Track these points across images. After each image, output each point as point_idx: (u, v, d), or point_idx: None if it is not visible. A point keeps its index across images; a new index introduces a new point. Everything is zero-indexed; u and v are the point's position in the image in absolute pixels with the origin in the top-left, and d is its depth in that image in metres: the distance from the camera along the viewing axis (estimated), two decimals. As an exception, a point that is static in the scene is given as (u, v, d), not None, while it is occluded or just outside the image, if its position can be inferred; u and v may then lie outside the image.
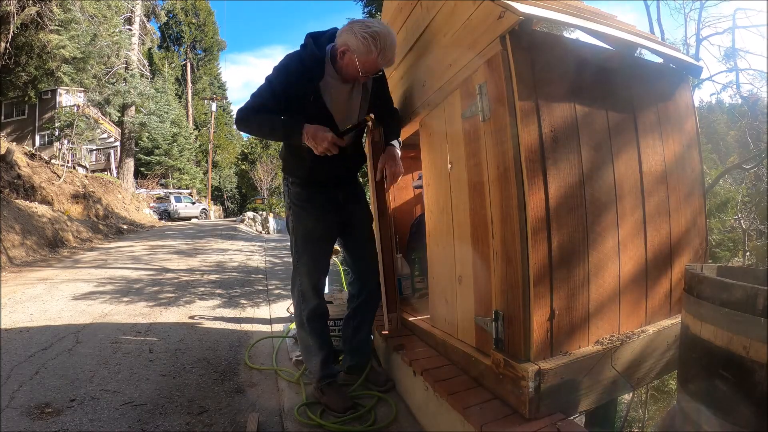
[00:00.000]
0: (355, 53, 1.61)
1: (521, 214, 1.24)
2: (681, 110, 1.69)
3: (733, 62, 4.96)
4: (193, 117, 32.20)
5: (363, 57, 1.61)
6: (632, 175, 1.49)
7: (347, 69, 1.68)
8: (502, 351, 1.33)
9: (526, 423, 1.20)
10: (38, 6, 11.64)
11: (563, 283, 1.29)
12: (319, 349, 1.88)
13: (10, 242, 6.39)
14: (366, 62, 1.62)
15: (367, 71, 1.66)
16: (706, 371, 0.99)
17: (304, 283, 1.87)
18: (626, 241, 1.45)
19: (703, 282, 1.03)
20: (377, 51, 1.60)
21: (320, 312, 1.90)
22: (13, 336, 2.76)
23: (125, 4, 17.90)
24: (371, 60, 1.61)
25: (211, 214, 23.97)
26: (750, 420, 0.88)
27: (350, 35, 1.62)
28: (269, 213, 21.71)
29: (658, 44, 1.78)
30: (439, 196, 1.76)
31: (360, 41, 1.59)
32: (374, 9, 8.04)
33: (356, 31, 1.61)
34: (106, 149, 21.06)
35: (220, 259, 6.91)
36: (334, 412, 1.75)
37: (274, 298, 4.26)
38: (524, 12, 1.18)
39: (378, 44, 1.59)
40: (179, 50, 32.84)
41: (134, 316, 3.37)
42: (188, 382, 2.19)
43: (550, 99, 1.30)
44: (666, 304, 1.59)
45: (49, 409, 1.83)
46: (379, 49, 1.59)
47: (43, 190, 11.10)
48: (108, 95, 15.69)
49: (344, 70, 1.69)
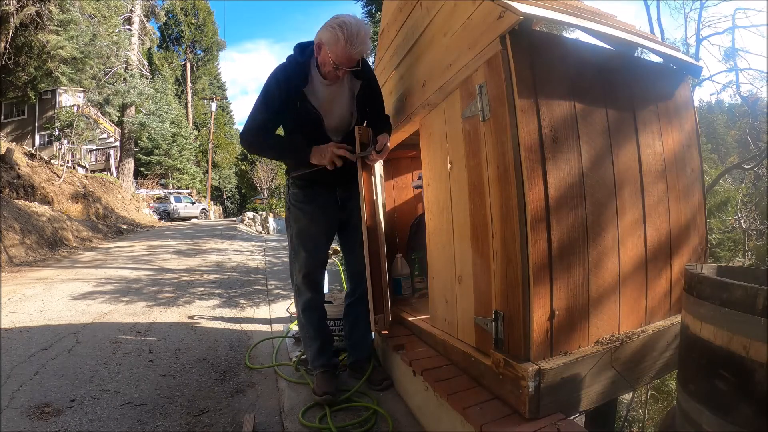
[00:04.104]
0: (326, 45, 1.68)
1: (521, 214, 1.24)
2: (681, 110, 1.69)
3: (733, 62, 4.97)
4: (193, 117, 32.18)
5: (333, 47, 1.66)
6: (632, 175, 1.49)
7: (325, 65, 1.73)
8: (502, 351, 1.33)
9: (526, 423, 1.19)
10: (37, 6, 11.62)
11: (563, 282, 1.29)
12: (314, 338, 1.98)
13: (10, 241, 6.39)
14: (336, 52, 1.66)
15: (341, 62, 1.69)
16: (706, 371, 0.99)
17: (299, 278, 1.97)
18: (626, 240, 1.45)
19: (703, 282, 1.03)
20: (344, 38, 1.63)
21: (314, 304, 1.99)
22: (13, 336, 2.76)
23: (125, 4, 17.90)
24: (340, 49, 1.65)
25: (211, 214, 23.96)
26: (750, 420, 0.88)
27: (323, 30, 1.70)
28: (269, 213, 21.69)
29: (658, 44, 1.78)
30: (439, 195, 1.76)
31: (329, 32, 1.66)
32: (374, 9, 8.04)
33: (327, 25, 1.69)
34: (106, 149, 21.05)
35: (219, 259, 6.91)
36: (315, 396, 1.84)
37: (274, 298, 4.26)
38: (524, 12, 1.18)
39: (345, 32, 1.63)
40: (179, 50, 32.83)
41: (134, 316, 3.37)
42: (188, 382, 2.19)
43: (550, 99, 1.30)
44: (666, 304, 1.59)
45: (49, 409, 1.83)
46: (345, 36, 1.63)
47: (42, 189, 11.10)
48: (107, 95, 15.68)
49: (323, 67, 1.75)
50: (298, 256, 1.96)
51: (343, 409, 1.79)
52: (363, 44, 1.68)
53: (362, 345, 2.07)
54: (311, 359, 1.99)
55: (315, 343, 1.97)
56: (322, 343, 1.98)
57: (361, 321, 2.04)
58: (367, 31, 1.70)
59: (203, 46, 34.13)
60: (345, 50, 1.65)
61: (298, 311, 2.04)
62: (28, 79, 13.51)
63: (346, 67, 1.72)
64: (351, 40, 1.64)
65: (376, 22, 7.85)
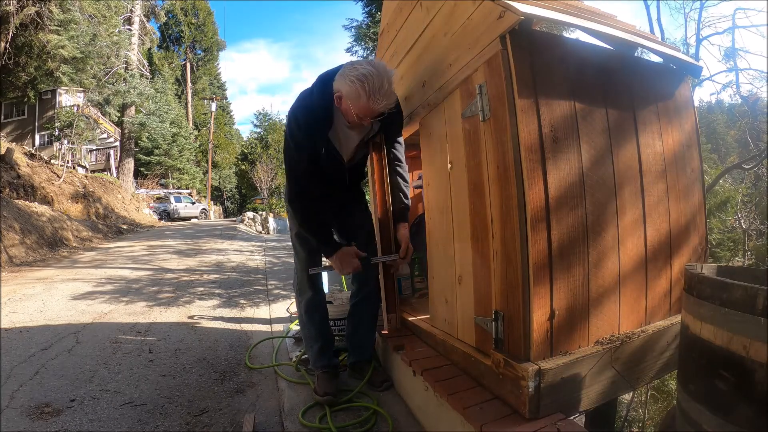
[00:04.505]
0: (348, 99, 1.53)
1: (521, 214, 1.24)
2: (681, 110, 1.69)
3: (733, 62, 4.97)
4: (193, 117, 32.18)
5: (354, 102, 1.52)
6: (632, 175, 1.49)
7: (347, 115, 1.62)
8: (502, 351, 1.33)
9: (526, 423, 1.19)
10: (37, 6, 11.63)
11: (563, 282, 1.29)
12: (316, 339, 1.97)
13: (10, 241, 6.39)
14: (358, 107, 1.53)
15: (363, 116, 1.57)
16: (706, 371, 0.99)
17: (300, 277, 1.98)
18: (626, 240, 1.45)
19: (703, 282, 1.03)
20: (366, 95, 1.48)
21: (316, 303, 1.99)
22: (13, 336, 2.76)
23: (125, 4, 17.91)
24: (362, 104, 1.51)
25: (211, 214, 23.97)
26: (750, 420, 0.88)
27: (341, 79, 1.53)
28: (269, 213, 21.68)
29: (658, 44, 1.78)
30: (439, 196, 1.76)
31: (349, 86, 1.50)
32: (374, 9, 8.04)
33: (346, 75, 1.51)
34: (106, 149, 21.05)
35: (219, 259, 6.91)
36: (316, 396, 1.83)
37: (274, 298, 4.26)
38: (524, 12, 1.18)
39: (366, 87, 1.48)
40: (179, 50, 32.83)
41: (134, 316, 3.37)
42: (188, 382, 2.19)
43: (550, 99, 1.30)
44: (666, 304, 1.59)
45: (49, 409, 1.83)
46: (368, 92, 1.48)
47: (42, 189, 11.11)
48: (108, 95, 15.69)
49: (345, 116, 1.63)
50: (299, 256, 1.97)
51: (343, 409, 1.79)
52: (387, 98, 1.53)
53: (365, 346, 2.06)
54: (313, 360, 1.98)
55: (317, 344, 1.97)
56: (324, 344, 1.97)
57: (366, 321, 2.05)
58: (391, 80, 1.53)
59: (203, 46, 34.13)
60: (368, 106, 1.52)
61: (300, 311, 2.04)
62: (28, 79, 13.53)
63: (371, 119, 1.61)
64: (373, 96, 1.49)
65: (376, 22, 7.86)
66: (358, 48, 8.44)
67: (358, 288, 2.05)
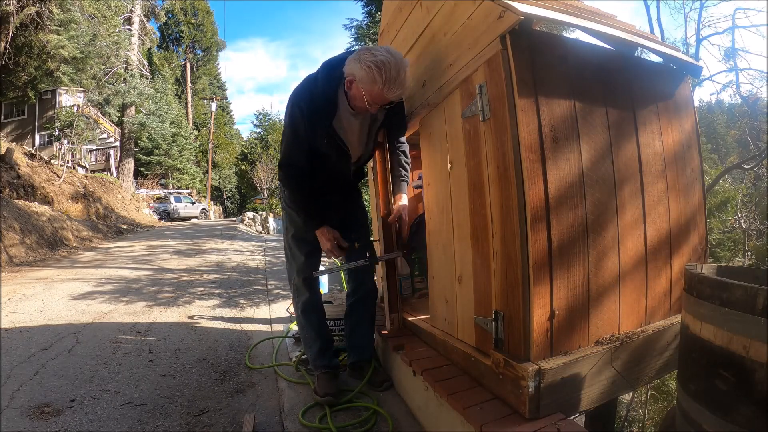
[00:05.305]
0: (361, 83, 1.53)
1: (521, 214, 1.24)
2: (681, 110, 1.69)
3: (733, 62, 4.97)
4: (193, 117, 32.20)
5: (368, 87, 1.52)
6: (632, 174, 1.49)
7: (355, 100, 1.61)
8: (502, 351, 1.33)
9: (526, 423, 1.19)
10: (38, 6, 11.62)
11: (563, 282, 1.29)
12: (315, 339, 1.97)
13: (10, 241, 6.39)
14: (372, 93, 1.53)
15: (374, 102, 1.57)
16: (706, 371, 0.99)
17: (296, 278, 1.97)
18: (626, 240, 1.45)
19: (703, 282, 1.03)
20: (382, 81, 1.49)
21: (313, 304, 1.99)
22: (13, 336, 2.76)
23: (125, 4, 17.91)
24: (376, 91, 1.52)
25: (211, 214, 23.97)
26: (750, 420, 0.88)
27: (356, 64, 1.53)
28: (269, 213, 21.68)
29: (658, 44, 1.78)
30: (439, 195, 1.76)
31: (365, 71, 1.50)
32: (374, 9, 8.05)
33: (362, 59, 1.51)
34: (106, 149, 21.06)
35: (219, 259, 6.91)
36: (316, 396, 1.84)
37: (274, 298, 4.26)
38: (524, 12, 1.18)
39: (383, 74, 1.48)
40: (178, 50, 32.86)
41: (134, 316, 3.37)
42: (188, 382, 2.19)
43: (550, 99, 1.30)
44: (666, 304, 1.59)
45: (49, 409, 1.83)
46: (384, 79, 1.48)
47: (42, 189, 11.11)
48: (108, 95, 15.70)
49: (353, 101, 1.63)
50: (296, 259, 1.96)
51: (343, 409, 1.79)
52: (402, 87, 1.54)
53: (364, 346, 2.05)
54: (312, 360, 1.98)
55: (316, 345, 1.96)
56: (323, 345, 1.97)
57: (364, 321, 2.04)
58: (407, 69, 1.54)
59: (203, 46, 34.17)
60: (382, 93, 1.52)
61: (297, 312, 2.03)
62: (28, 79, 13.52)
63: (380, 106, 1.61)
64: (389, 84, 1.49)
65: (376, 22, 7.87)
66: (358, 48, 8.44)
67: (355, 288, 2.04)
